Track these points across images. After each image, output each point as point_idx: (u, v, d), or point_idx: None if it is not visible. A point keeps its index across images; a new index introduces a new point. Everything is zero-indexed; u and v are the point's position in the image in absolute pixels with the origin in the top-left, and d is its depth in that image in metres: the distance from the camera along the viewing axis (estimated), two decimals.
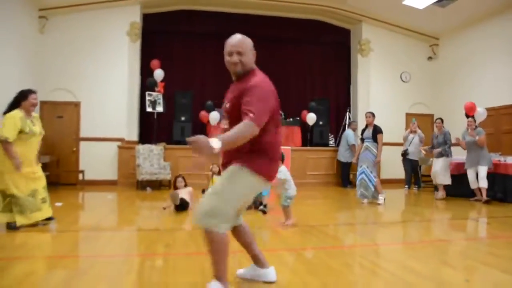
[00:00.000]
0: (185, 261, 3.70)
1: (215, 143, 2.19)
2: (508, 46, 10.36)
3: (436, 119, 9.33)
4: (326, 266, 3.59)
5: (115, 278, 3.23)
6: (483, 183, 7.93)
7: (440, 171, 8.71)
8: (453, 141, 8.75)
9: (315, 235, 4.97)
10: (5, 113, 4.89)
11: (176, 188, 6.74)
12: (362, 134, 8.24)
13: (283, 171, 5.36)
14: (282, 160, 5.51)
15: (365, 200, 7.84)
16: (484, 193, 7.94)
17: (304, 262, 3.76)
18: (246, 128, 2.41)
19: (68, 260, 3.77)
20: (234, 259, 3.47)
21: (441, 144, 8.78)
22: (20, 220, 4.90)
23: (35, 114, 5.20)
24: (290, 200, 5.48)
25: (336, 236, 5.12)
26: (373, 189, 7.79)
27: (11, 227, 4.90)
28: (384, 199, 7.74)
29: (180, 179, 6.85)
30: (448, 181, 8.70)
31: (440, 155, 8.76)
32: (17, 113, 4.86)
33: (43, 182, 5.22)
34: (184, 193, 6.58)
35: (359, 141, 8.61)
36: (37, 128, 5.10)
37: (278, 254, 3.96)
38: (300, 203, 7.19)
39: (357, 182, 7.97)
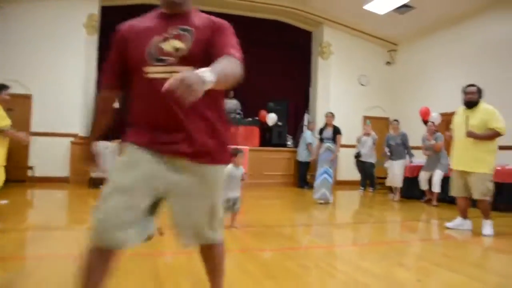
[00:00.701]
0: (136, 262, 3.57)
1: (208, 75, 1.56)
2: (462, 54, 10.71)
3: (393, 120, 9.53)
4: (283, 268, 3.57)
5: (63, 280, 3.07)
6: (437, 188, 8.13)
7: (399, 174, 8.84)
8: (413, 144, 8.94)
9: (271, 236, 4.94)
10: None
11: None
12: (320, 134, 8.32)
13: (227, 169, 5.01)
14: (234, 156, 5.10)
15: (324, 199, 7.90)
16: (435, 197, 8.16)
17: (260, 264, 3.71)
18: (237, 66, 1.82)
19: (11, 262, 3.57)
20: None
21: (399, 146, 8.90)
22: None
23: None
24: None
25: (292, 237, 5.12)
26: (331, 185, 7.98)
27: None
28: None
29: None
30: (400, 183, 8.88)
31: (400, 156, 8.89)
32: None
33: None
34: None
35: (317, 141, 8.68)
36: None
37: (233, 255, 3.90)
38: (256, 203, 7.17)
39: (318, 183, 7.98)
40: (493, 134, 5.21)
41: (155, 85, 1.81)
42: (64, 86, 10.27)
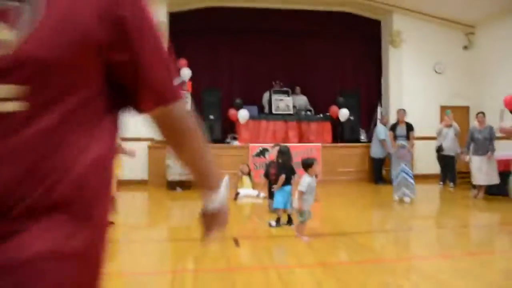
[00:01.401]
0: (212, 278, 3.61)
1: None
2: None
3: (478, 113, 8.83)
4: (361, 285, 3.45)
5: None
6: None
7: (490, 170, 8.12)
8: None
9: (347, 245, 4.82)
10: None
11: None
12: (393, 130, 8.06)
13: (306, 181, 4.88)
14: (310, 166, 5.08)
15: (407, 199, 7.61)
16: None
17: (337, 278, 3.58)
18: (199, 137, 1.15)
19: None
20: None
21: (486, 140, 8.17)
22: None
23: None
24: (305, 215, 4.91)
25: (371, 247, 4.89)
26: (414, 184, 7.62)
27: None
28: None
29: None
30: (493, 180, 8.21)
31: (486, 152, 8.23)
32: None
33: None
34: None
35: (390, 137, 8.37)
36: None
37: (312, 270, 3.83)
38: (331, 204, 7.03)
39: (397, 183, 7.73)
40: None
41: None
42: None
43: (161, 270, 4.02)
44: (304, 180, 4.86)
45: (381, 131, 10.69)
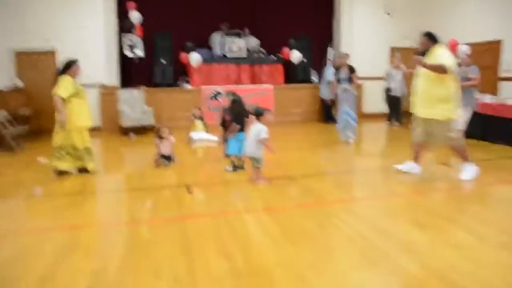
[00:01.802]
0: (165, 228, 3.83)
1: None
2: None
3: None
4: (301, 228, 3.77)
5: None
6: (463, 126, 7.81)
7: None
8: None
9: (294, 190, 5.16)
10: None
11: (161, 138, 6.59)
12: (336, 74, 8.27)
13: (264, 130, 5.17)
14: (262, 115, 5.27)
15: (351, 140, 8.06)
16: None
17: (281, 224, 3.89)
18: None
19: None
20: None
21: None
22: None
23: None
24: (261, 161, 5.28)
25: (315, 190, 5.14)
26: (356, 126, 8.08)
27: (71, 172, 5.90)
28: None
29: (164, 129, 6.70)
30: None
31: None
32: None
33: None
34: (168, 145, 6.56)
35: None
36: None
37: (257, 215, 4.12)
38: (282, 147, 7.24)
39: (341, 125, 8.16)
40: (438, 66, 5.03)
41: None
42: (85, 37, 10.28)
43: (116, 221, 4.20)
44: (261, 128, 5.13)
45: (329, 73, 10.86)
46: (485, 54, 10.29)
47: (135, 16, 10.38)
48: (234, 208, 4.48)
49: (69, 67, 5.84)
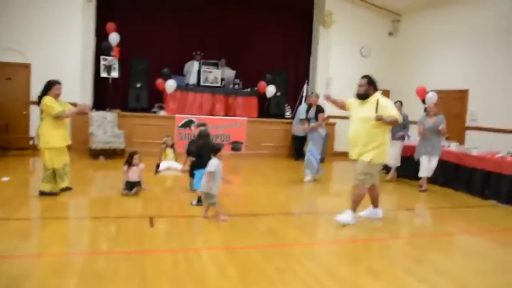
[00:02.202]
0: (124, 262, 3.78)
1: None
2: (465, 32, 10.72)
3: (396, 102, 9.31)
4: (260, 271, 3.78)
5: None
6: (430, 173, 8.06)
7: (395, 155, 8.66)
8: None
9: (253, 227, 5.16)
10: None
11: (131, 164, 6.54)
12: (307, 112, 8.42)
13: (214, 164, 5.17)
14: (218, 151, 5.30)
15: (307, 178, 8.24)
16: (425, 182, 8.06)
17: (240, 265, 3.88)
18: None
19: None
20: None
21: (400, 127, 8.54)
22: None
23: None
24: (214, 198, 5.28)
25: (276, 230, 5.14)
26: (316, 166, 8.20)
27: (53, 194, 5.98)
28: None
29: (136, 156, 6.65)
30: (398, 163, 8.93)
31: (402, 138, 8.81)
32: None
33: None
34: (137, 171, 6.51)
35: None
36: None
37: (217, 253, 4.11)
38: (247, 181, 7.26)
39: (305, 162, 8.34)
40: (393, 120, 5.25)
41: None
42: (62, 55, 10.25)
43: (73, 251, 4.13)
44: (213, 163, 5.15)
45: (302, 110, 11.03)
46: (453, 102, 10.70)
47: (114, 38, 10.40)
48: (193, 245, 4.45)
49: (50, 87, 6.03)
